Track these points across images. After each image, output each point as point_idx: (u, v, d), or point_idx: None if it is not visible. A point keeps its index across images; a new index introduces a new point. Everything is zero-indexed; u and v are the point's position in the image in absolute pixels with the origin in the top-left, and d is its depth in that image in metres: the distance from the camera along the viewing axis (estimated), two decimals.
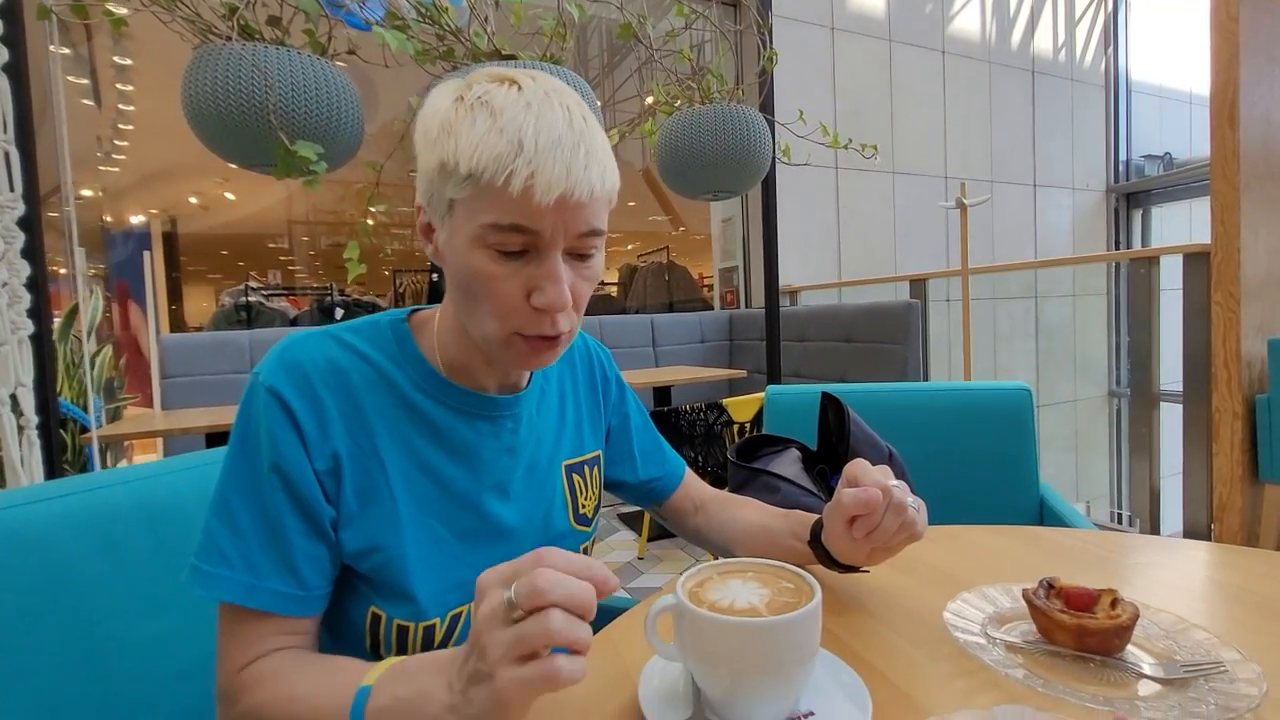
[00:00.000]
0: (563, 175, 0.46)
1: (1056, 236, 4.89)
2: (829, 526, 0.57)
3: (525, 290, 0.50)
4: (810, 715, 0.41)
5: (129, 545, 0.65)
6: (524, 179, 0.46)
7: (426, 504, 0.56)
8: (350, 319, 0.60)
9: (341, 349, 0.56)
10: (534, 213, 0.47)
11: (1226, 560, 0.67)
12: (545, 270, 0.49)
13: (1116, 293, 4.56)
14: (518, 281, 0.50)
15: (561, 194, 0.47)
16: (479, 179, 0.47)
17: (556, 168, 0.46)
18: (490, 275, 0.49)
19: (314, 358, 0.54)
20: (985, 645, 0.49)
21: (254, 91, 0.96)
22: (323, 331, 0.57)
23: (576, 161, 0.47)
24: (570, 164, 0.47)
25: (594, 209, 0.50)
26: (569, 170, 0.47)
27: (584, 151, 0.48)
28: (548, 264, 0.49)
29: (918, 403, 1.21)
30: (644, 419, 0.79)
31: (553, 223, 0.48)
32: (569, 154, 0.47)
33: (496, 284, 0.49)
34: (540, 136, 0.47)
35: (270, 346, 0.57)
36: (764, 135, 1.51)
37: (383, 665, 0.44)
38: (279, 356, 0.54)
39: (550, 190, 0.46)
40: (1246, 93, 1.98)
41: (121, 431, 2.07)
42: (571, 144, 0.47)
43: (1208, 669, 0.44)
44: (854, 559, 0.57)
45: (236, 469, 0.52)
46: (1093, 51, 5.05)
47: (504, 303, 0.50)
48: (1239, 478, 2.01)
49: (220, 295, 5.64)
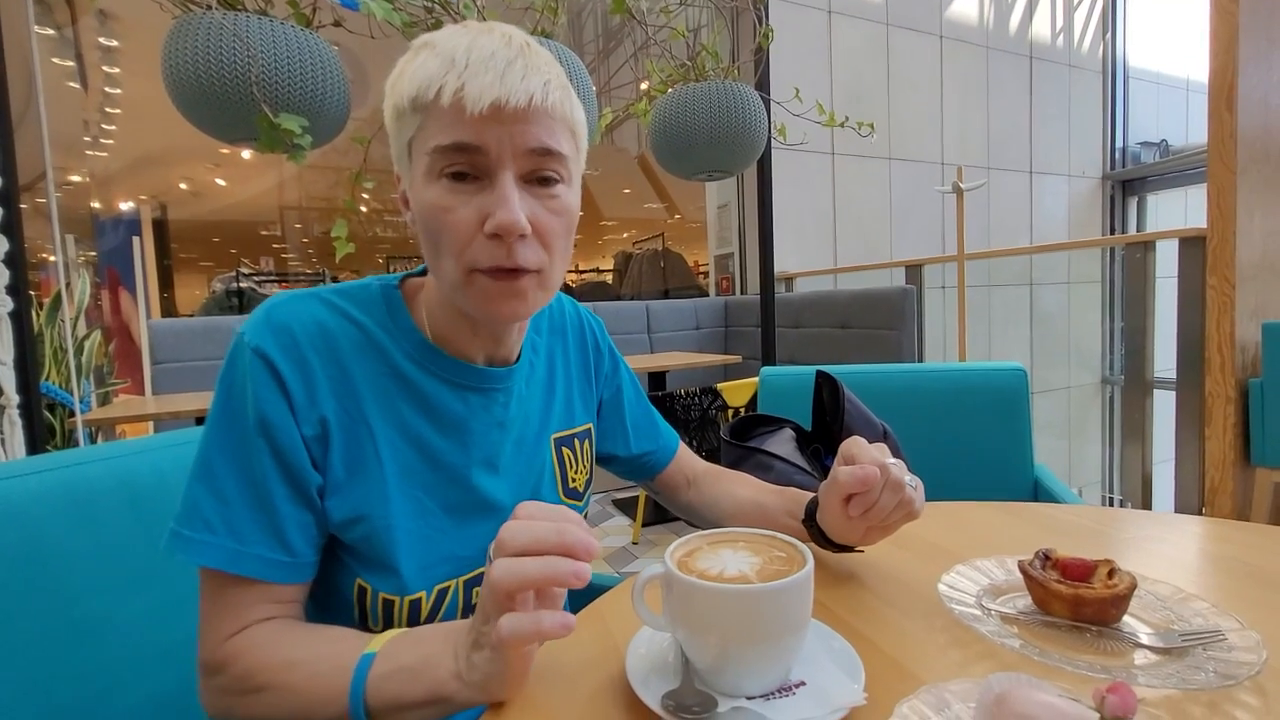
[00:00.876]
0: (494, 82, 0.45)
1: (1052, 224, 4.87)
2: (824, 504, 0.56)
3: (479, 219, 0.48)
4: (802, 685, 0.41)
5: (110, 522, 0.64)
6: (453, 90, 0.45)
7: (414, 476, 0.55)
8: (342, 284, 0.59)
9: (331, 312, 0.54)
10: (470, 125, 0.46)
11: (1222, 534, 0.67)
12: (497, 193, 0.47)
13: (1111, 280, 4.56)
14: (471, 209, 0.48)
15: (494, 101, 0.45)
16: (419, 103, 0.47)
17: (487, 75, 0.45)
18: (444, 207, 0.48)
19: (302, 320, 0.52)
20: (980, 616, 0.48)
21: (236, 62, 0.94)
22: (311, 293, 0.55)
23: (512, 71, 0.46)
24: (504, 73, 0.46)
25: (542, 124, 0.48)
26: (501, 78, 0.46)
27: (522, 63, 0.47)
28: (498, 185, 0.47)
29: (913, 383, 1.20)
30: (637, 391, 0.77)
31: (496, 137, 0.46)
32: (502, 65, 0.46)
33: (450, 215, 0.48)
34: (473, 54, 0.46)
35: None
36: (759, 113, 1.48)
37: (388, 634, 0.43)
38: (265, 316, 0.52)
39: (481, 98, 0.45)
40: (1245, 76, 1.97)
41: (111, 415, 2.05)
42: (506, 59, 0.46)
43: (1206, 638, 0.43)
44: (849, 538, 0.57)
45: (220, 432, 0.50)
46: (1090, 37, 5.02)
47: (458, 234, 0.48)
48: (1231, 462, 2.02)
49: (212, 282, 5.60)
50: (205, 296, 6.20)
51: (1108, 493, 3.96)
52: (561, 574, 0.38)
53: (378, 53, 1.17)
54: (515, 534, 0.38)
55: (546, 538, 0.38)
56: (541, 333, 0.67)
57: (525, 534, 0.38)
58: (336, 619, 0.55)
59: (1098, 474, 4.25)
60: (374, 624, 0.54)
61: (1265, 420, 1.94)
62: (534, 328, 0.66)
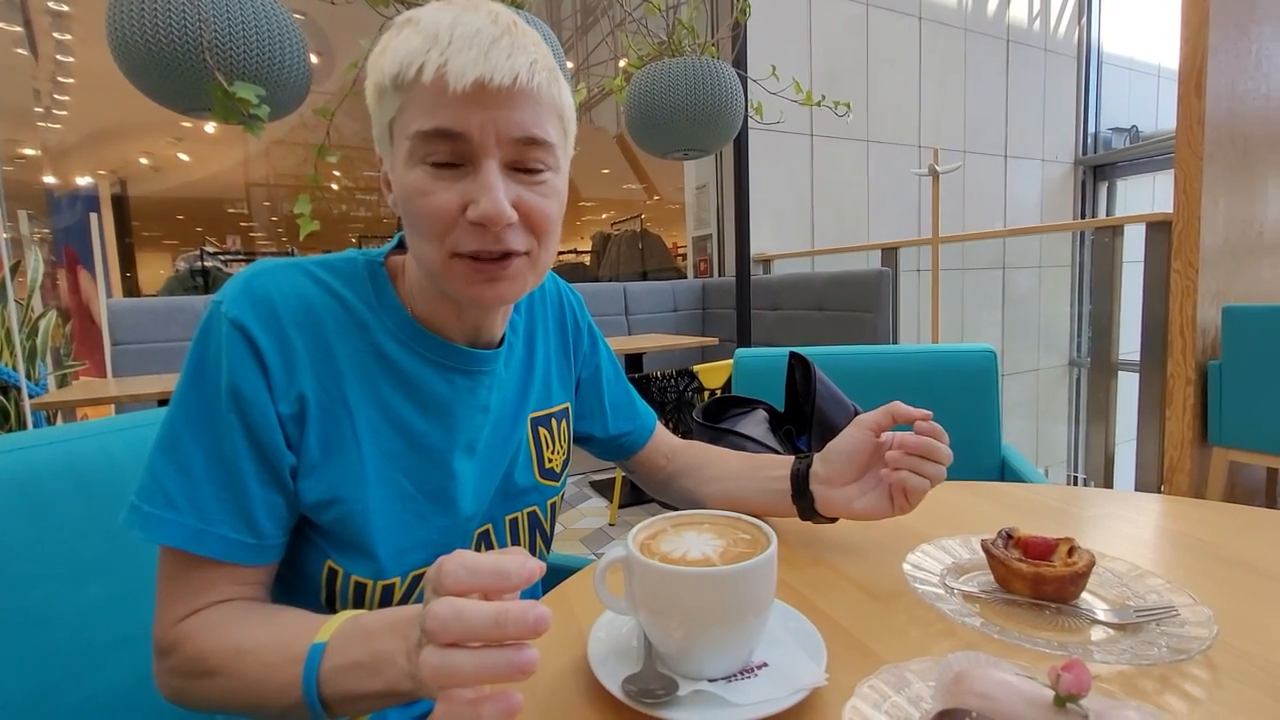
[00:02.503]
0: (478, 59, 0.44)
1: (1025, 209, 4.94)
2: (843, 442, 0.59)
3: (461, 204, 0.46)
4: (764, 666, 0.40)
5: (59, 509, 0.61)
6: (435, 67, 0.43)
7: (394, 458, 0.53)
8: (326, 255, 0.56)
9: (315, 286, 0.51)
10: (454, 107, 0.44)
11: (1178, 511, 0.68)
12: (480, 181, 0.46)
13: (1080, 264, 4.65)
14: (452, 195, 0.46)
15: (478, 78, 0.43)
16: (398, 82, 0.45)
17: (471, 52, 0.44)
18: (424, 190, 0.46)
19: (285, 292, 0.50)
20: (943, 595, 0.49)
21: (186, 26, 0.89)
22: (294, 263, 0.52)
23: (497, 49, 0.44)
24: (488, 51, 0.44)
25: (529, 110, 0.46)
26: (486, 55, 0.44)
27: (508, 41, 0.45)
28: (482, 173, 0.46)
29: (885, 364, 1.21)
30: (616, 370, 0.76)
31: (480, 122, 0.45)
32: (487, 43, 0.44)
33: (430, 199, 0.46)
34: (456, 30, 0.44)
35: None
36: (735, 90, 1.46)
37: (336, 620, 0.41)
38: (245, 285, 0.49)
39: (463, 74, 0.43)
40: (1214, 62, 1.99)
41: (68, 398, 1.98)
42: (492, 36, 0.45)
43: (1160, 613, 0.44)
44: (844, 499, 0.59)
45: (188, 405, 0.47)
46: (1066, 22, 5.05)
47: (439, 218, 0.46)
48: (1189, 441, 2.08)
49: (176, 261, 5.42)
50: (169, 275, 6.01)
51: (1073, 472, 4.07)
52: (500, 669, 0.31)
53: (342, 23, 1.12)
54: (446, 624, 0.31)
55: (481, 627, 0.31)
56: (521, 311, 0.66)
57: (457, 625, 0.31)
58: (301, 600, 0.53)
59: (1064, 454, 4.36)
60: (342, 607, 0.53)
61: (1223, 401, 2.00)
62: (514, 306, 0.64)
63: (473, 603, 0.32)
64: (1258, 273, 2.22)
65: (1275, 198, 2.24)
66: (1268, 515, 0.64)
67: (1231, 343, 1.97)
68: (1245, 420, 1.96)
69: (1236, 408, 1.97)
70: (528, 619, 0.31)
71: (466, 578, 0.32)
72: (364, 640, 0.39)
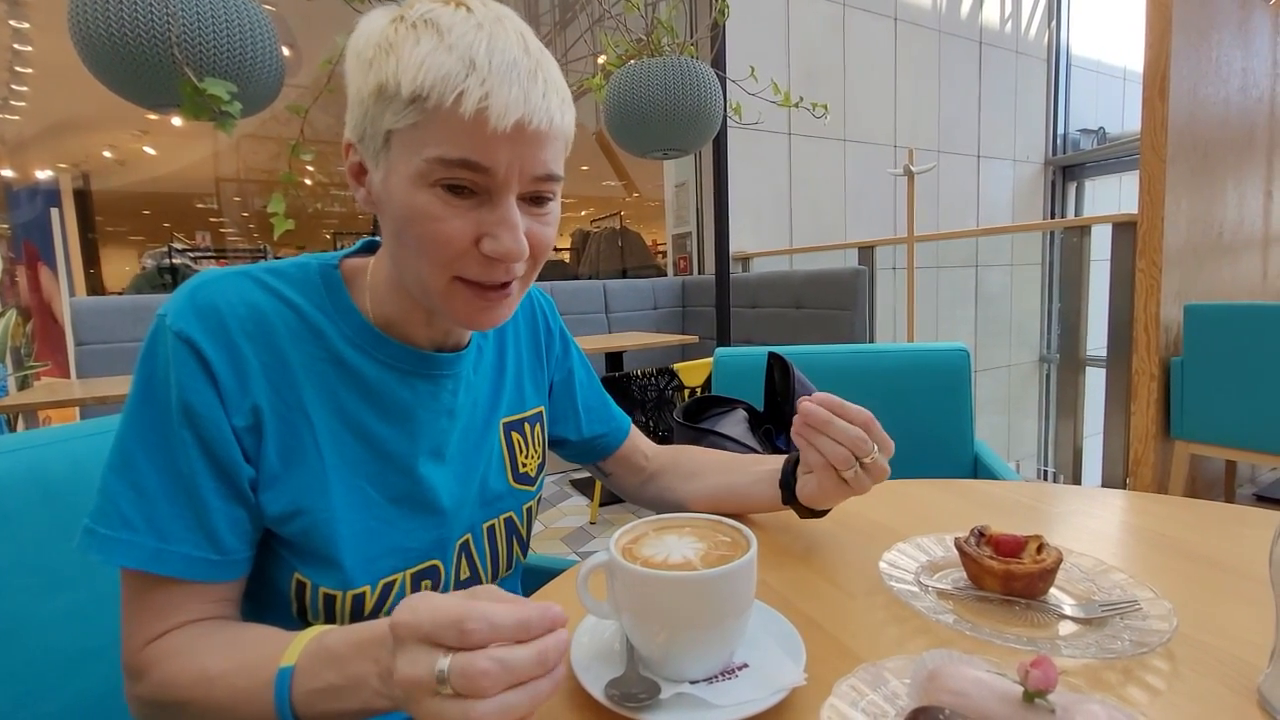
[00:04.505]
0: (520, 99, 0.42)
1: (997, 207, 5.04)
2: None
3: (475, 235, 0.45)
4: (744, 667, 0.41)
5: (22, 518, 0.60)
6: (476, 100, 0.41)
7: (357, 466, 0.52)
8: (276, 261, 0.55)
9: (264, 293, 0.50)
10: (488, 143, 0.43)
11: (1143, 507, 0.71)
12: (499, 215, 0.45)
13: (1051, 262, 4.76)
14: (466, 223, 0.45)
15: (519, 120, 0.42)
16: (425, 102, 0.42)
17: (514, 89, 0.42)
18: (435, 216, 0.45)
19: (231, 301, 0.48)
20: (918, 593, 0.50)
21: (153, 20, 0.86)
22: (240, 271, 0.51)
23: (535, 87, 0.43)
24: (528, 89, 0.43)
25: (553, 148, 0.46)
26: (527, 95, 0.43)
27: (542, 79, 0.44)
28: (501, 208, 0.45)
29: (861, 364, 1.23)
30: (589, 374, 0.76)
31: (508, 159, 0.44)
32: (526, 78, 0.43)
33: (441, 226, 0.45)
34: (494, 56, 0.42)
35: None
36: (715, 91, 1.47)
37: (301, 640, 0.40)
38: (189, 297, 0.48)
39: (507, 114, 0.42)
40: (1177, 67, 2.05)
41: (29, 401, 1.92)
42: (529, 69, 0.44)
43: (1123, 608, 0.46)
44: (825, 498, 0.58)
45: (140, 422, 0.46)
46: (1036, 25, 5.15)
47: (450, 247, 0.45)
48: (1153, 435, 2.15)
49: (142, 258, 5.27)
50: (135, 273, 5.84)
51: (1043, 465, 4.17)
52: (546, 692, 0.32)
53: (311, 15, 1.10)
54: (497, 679, 0.31)
55: (529, 670, 0.32)
56: None
57: (507, 675, 0.31)
58: (272, 615, 0.53)
59: (1034, 447, 4.47)
60: (313, 619, 0.52)
61: (1185, 396, 2.07)
62: None
63: (514, 650, 0.32)
64: (1217, 272, 2.30)
65: (1234, 199, 2.32)
66: (1227, 510, 0.67)
67: (1193, 340, 2.04)
68: (1205, 415, 2.03)
69: (1197, 403, 2.04)
70: (561, 646, 0.33)
71: (491, 633, 0.32)
72: (335, 664, 0.38)
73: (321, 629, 0.41)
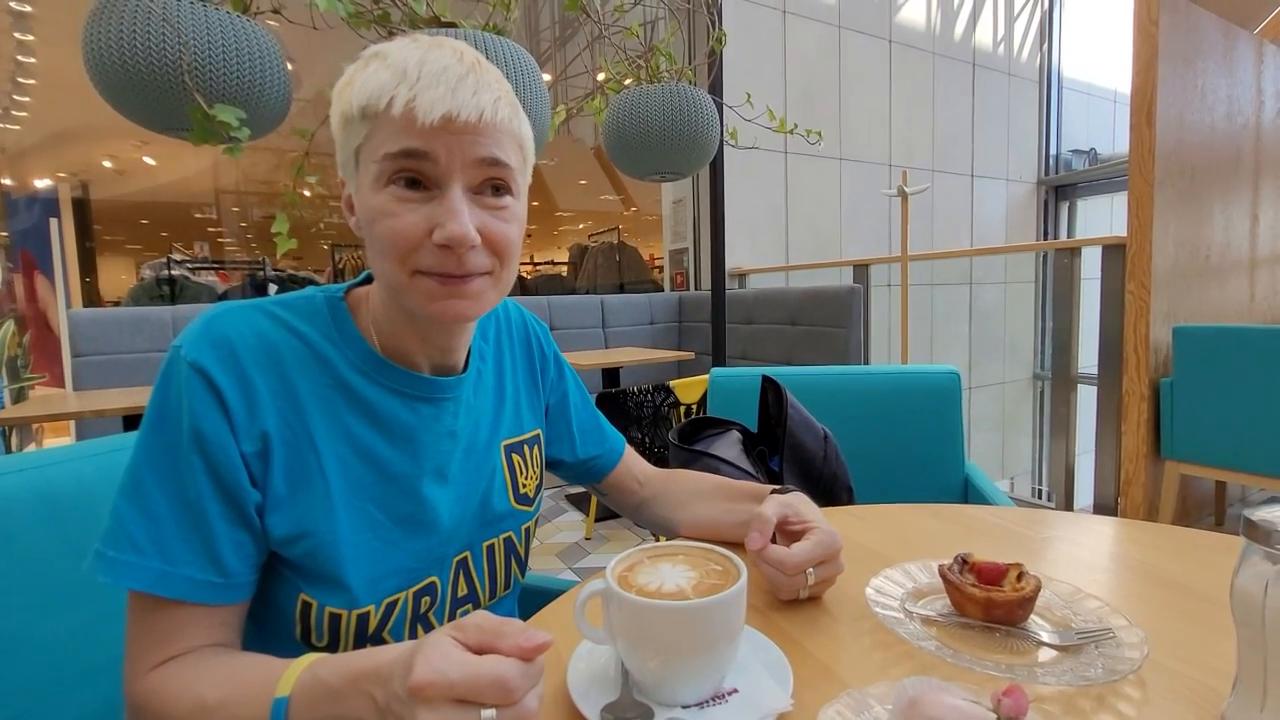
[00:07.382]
0: (445, 95, 0.47)
1: (991, 226, 5.11)
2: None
3: (428, 227, 0.49)
4: (734, 692, 0.43)
5: (28, 538, 0.61)
6: (405, 101, 0.46)
7: (362, 488, 0.54)
8: (284, 295, 0.57)
9: (274, 324, 0.53)
10: (421, 134, 0.47)
11: (1126, 534, 0.73)
12: (446, 205, 0.49)
13: (1043, 281, 4.81)
14: (419, 217, 0.49)
15: (446, 113, 0.47)
16: (369, 112, 0.48)
17: (439, 89, 0.47)
18: (390, 213, 0.49)
19: (243, 332, 0.51)
20: (903, 619, 0.52)
21: (165, 48, 0.89)
22: (252, 304, 0.54)
23: (463, 86, 0.48)
24: (455, 88, 0.47)
25: (491, 136, 0.50)
26: (453, 92, 0.47)
27: (473, 79, 0.48)
28: (448, 198, 0.49)
29: (854, 385, 1.25)
30: (583, 396, 0.78)
31: (445, 146, 0.48)
32: (455, 81, 0.48)
33: (396, 221, 0.49)
34: (425, 67, 0.47)
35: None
36: (711, 117, 1.50)
37: (295, 669, 0.41)
38: (204, 329, 0.50)
39: (432, 109, 0.46)
40: (1163, 94, 2.10)
41: (25, 414, 1.92)
42: (459, 74, 0.48)
43: (1098, 635, 0.48)
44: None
45: (152, 449, 0.48)
46: (1029, 47, 5.25)
47: (405, 240, 0.49)
48: (1143, 455, 2.17)
49: (140, 268, 5.28)
50: (133, 284, 5.84)
51: (1036, 483, 4.19)
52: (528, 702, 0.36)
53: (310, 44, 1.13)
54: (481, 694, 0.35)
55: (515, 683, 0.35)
56: (489, 340, 0.68)
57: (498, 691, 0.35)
58: (276, 637, 0.54)
59: (1028, 465, 4.49)
60: (318, 639, 0.54)
61: (1174, 417, 2.10)
62: (481, 335, 0.66)
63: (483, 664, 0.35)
64: (1205, 293, 2.34)
65: (1221, 223, 2.36)
66: (1207, 537, 0.68)
67: (1182, 361, 2.07)
68: (1195, 435, 2.06)
69: (1186, 423, 2.07)
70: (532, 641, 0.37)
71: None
72: (330, 698, 0.39)
73: (313, 658, 0.42)
